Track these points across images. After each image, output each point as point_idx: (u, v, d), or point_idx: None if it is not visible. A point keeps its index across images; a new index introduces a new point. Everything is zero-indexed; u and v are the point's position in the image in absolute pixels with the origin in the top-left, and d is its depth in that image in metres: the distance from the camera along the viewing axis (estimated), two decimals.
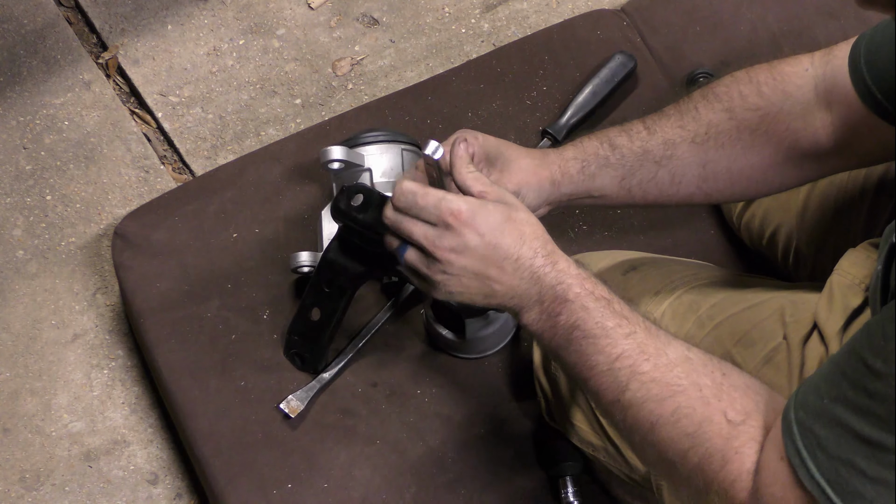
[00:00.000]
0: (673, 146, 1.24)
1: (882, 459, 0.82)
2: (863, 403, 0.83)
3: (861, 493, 0.84)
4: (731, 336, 1.22)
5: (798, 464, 0.87)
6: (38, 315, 1.73)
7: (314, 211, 1.56)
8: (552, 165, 1.27)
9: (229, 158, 1.80)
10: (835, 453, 0.85)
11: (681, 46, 1.72)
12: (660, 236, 1.57)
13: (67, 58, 1.93)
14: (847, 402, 0.84)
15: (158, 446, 1.66)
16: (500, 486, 1.41)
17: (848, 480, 0.84)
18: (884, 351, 0.81)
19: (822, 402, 0.87)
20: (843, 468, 0.84)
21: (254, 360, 1.48)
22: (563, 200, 1.28)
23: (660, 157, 1.25)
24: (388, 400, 1.46)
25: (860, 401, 0.83)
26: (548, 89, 1.68)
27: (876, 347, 0.82)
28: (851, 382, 0.84)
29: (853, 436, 0.84)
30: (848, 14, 1.71)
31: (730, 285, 1.31)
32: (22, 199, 1.81)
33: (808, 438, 0.87)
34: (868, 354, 0.83)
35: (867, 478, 0.83)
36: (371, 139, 1.50)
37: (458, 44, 1.95)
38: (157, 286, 1.55)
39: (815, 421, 0.87)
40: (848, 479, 0.84)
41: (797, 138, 1.21)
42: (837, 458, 0.85)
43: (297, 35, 1.96)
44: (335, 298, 1.40)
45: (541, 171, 1.26)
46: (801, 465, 0.87)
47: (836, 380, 0.86)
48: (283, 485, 1.40)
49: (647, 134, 1.26)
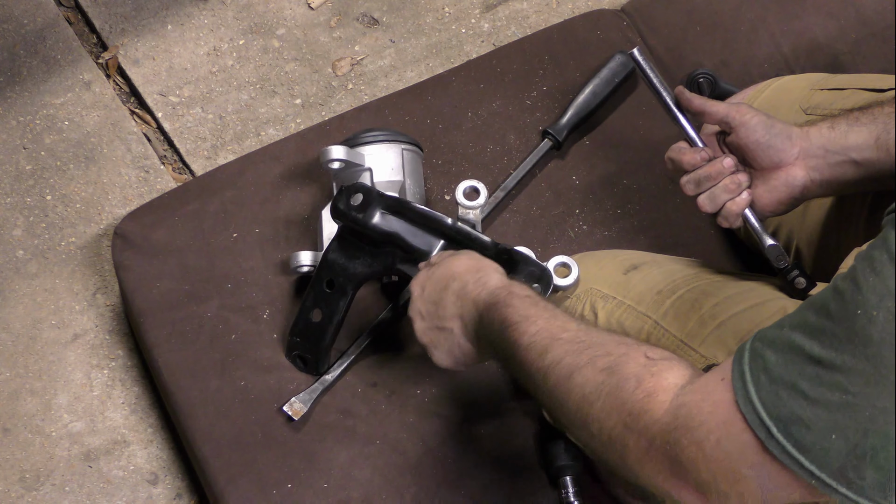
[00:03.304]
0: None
1: (827, 379, 0.82)
2: (821, 325, 0.83)
3: (799, 415, 0.83)
4: (733, 335, 1.22)
5: (739, 386, 0.87)
6: (38, 315, 1.73)
7: (314, 211, 1.56)
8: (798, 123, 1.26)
9: (229, 158, 1.80)
10: (779, 376, 0.85)
11: (681, 46, 1.72)
12: (660, 236, 1.57)
13: (67, 58, 1.93)
14: (806, 327, 0.85)
15: (158, 446, 1.66)
16: (500, 485, 1.41)
17: (787, 402, 0.84)
18: (853, 271, 0.82)
19: (781, 330, 0.87)
20: (785, 391, 0.84)
21: (254, 361, 1.48)
22: (818, 154, 1.23)
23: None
24: (388, 400, 1.46)
25: (819, 322, 0.84)
26: (548, 89, 1.68)
27: (847, 272, 0.83)
28: (817, 308, 0.85)
29: (803, 357, 0.84)
30: (848, 14, 1.71)
31: (732, 285, 1.31)
32: (22, 199, 1.81)
33: (756, 362, 0.87)
34: (839, 280, 0.84)
35: (808, 399, 0.83)
36: (371, 139, 1.50)
37: (458, 44, 1.95)
38: (157, 286, 1.55)
39: (767, 347, 0.87)
40: (787, 402, 0.84)
41: None
42: (781, 380, 0.85)
43: (297, 35, 1.96)
44: (336, 299, 1.40)
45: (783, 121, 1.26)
46: (741, 387, 0.87)
47: (801, 310, 0.87)
48: (283, 485, 1.40)
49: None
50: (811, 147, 1.23)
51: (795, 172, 1.24)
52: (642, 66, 1.32)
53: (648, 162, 1.60)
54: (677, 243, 1.55)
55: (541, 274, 1.30)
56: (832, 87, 1.43)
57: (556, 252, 1.51)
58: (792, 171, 1.24)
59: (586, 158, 1.63)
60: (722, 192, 1.24)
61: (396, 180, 1.49)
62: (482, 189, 1.36)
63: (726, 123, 1.25)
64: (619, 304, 1.31)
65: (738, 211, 1.25)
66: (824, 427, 0.83)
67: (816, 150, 1.23)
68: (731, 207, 1.25)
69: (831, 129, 1.23)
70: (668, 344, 1.26)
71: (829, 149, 1.23)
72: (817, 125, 1.24)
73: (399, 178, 1.49)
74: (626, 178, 1.61)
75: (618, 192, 1.61)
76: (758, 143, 1.23)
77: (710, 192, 1.25)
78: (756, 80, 1.57)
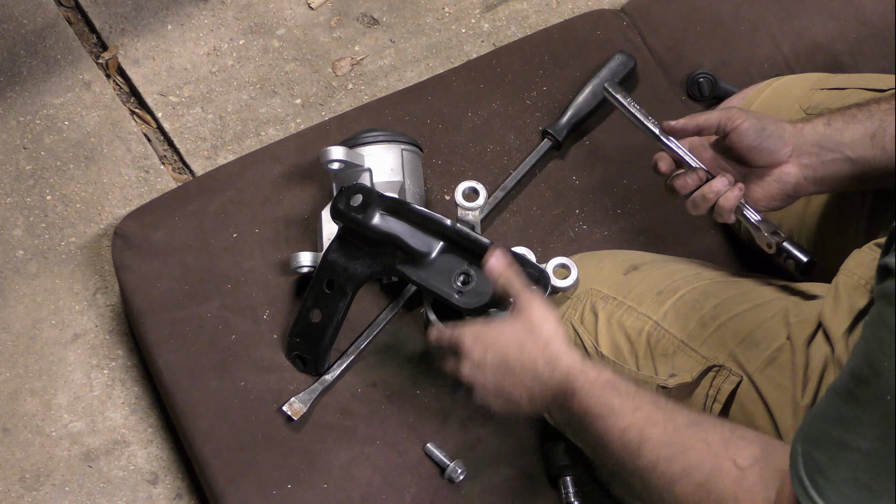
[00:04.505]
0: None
1: (882, 468, 0.83)
2: (856, 415, 0.84)
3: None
4: (734, 336, 1.22)
5: (801, 493, 0.88)
6: (38, 315, 1.73)
7: (314, 211, 1.56)
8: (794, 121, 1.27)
9: (229, 158, 1.80)
10: (836, 476, 0.85)
11: (681, 46, 1.72)
12: (660, 236, 1.57)
13: (67, 58, 1.93)
14: (841, 420, 0.85)
15: (158, 446, 1.66)
16: (501, 486, 1.41)
17: (851, 497, 0.85)
18: (867, 356, 0.83)
19: (820, 426, 0.88)
20: (847, 487, 0.85)
21: (254, 361, 1.48)
22: (812, 152, 1.24)
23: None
24: (388, 400, 1.46)
25: (853, 413, 0.84)
26: (548, 89, 1.68)
27: (861, 355, 0.84)
28: (844, 397, 0.85)
29: (853, 452, 0.84)
30: (848, 14, 1.71)
31: (732, 285, 1.31)
32: (22, 199, 1.81)
33: (810, 466, 0.88)
34: (855, 365, 0.84)
35: (871, 490, 0.84)
36: (371, 139, 1.50)
37: (458, 44, 1.95)
38: (157, 286, 1.55)
39: (814, 447, 0.88)
40: (851, 497, 0.85)
41: None
42: (840, 479, 0.85)
43: (297, 35, 1.96)
44: (336, 299, 1.40)
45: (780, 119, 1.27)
46: (804, 495, 0.88)
47: (832, 401, 0.87)
48: (283, 485, 1.40)
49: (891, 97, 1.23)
50: (805, 144, 1.24)
51: (788, 170, 1.25)
52: (621, 102, 1.35)
53: (648, 162, 1.59)
54: (677, 243, 1.55)
55: (538, 276, 1.30)
56: (832, 87, 1.44)
57: (556, 252, 1.51)
58: (785, 168, 1.25)
59: (586, 158, 1.63)
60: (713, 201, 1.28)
61: (396, 181, 1.49)
62: (481, 190, 1.36)
63: (721, 130, 1.26)
64: (620, 305, 1.31)
65: (729, 207, 1.26)
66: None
67: (810, 148, 1.24)
68: (722, 203, 1.26)
69: (827, 125, 1.24)
70: (669, 345, 1.26)
71: (823, 146, 1.23)
72: (812, 121, 1.25)
73: (398, 179, 1.49)
74: (626, 178, 1.61)
75: (618, 192, 1.61)
76: (750, 148, 1.25)
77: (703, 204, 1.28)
78: (756, 80, 1.58)
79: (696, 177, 1.27)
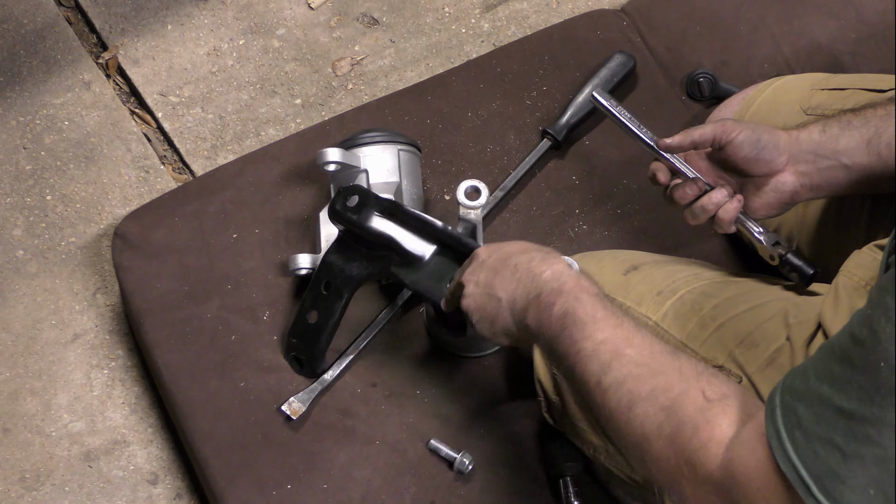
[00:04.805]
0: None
1: (859, 433, 0.82)
2: (847, 376, 0.83)
3: (835, 471, 0.84)
4: (734, 337, 1.22)
5: (776, 445, 0.87)
6: (38, 315, 1.73)
7: (314, 212, 1.56)
8: (790, 128, 1.27)
9: (229, 158, 1.80)
10: (814, 432, 0.85)
11: (681, 46, 1.72)
12: (660, 236, 1.57)
13: (67, 58, 1.93)
14: (832, 378, 0.84)
15: (158, 446, 1.66)
16: (500, 485, 1.41)
17: (824, 459, 0.84)
18: (869, 319, 0.82)
19: (807, 382, 0.87)
20: (821, 446, 0.84)
21: (253, 361, 1.48)
22: (808, 159, 1.25)
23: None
24: (388, 400, 1.46)
25: (845, 374, 0.83)
26: (548, 89, 1.68)
27: (863, 318, 0.83)
28: (839, 357, 0.85)
29: (834, 411, 0.84)
30: (848, 14, 1.71)
31: (732, 286, 1.31)
32: (22, 199, 1.81)
33: (789, 418, 0.87)
34: (856, 326, 0.84)
35: (843, 454, 0.83)
36: (367, 140, 1.50)
37: (458, 44, 1.95)
38: (157, 286, 1.55)
39: (798, 401, 0.87)
40: (824, 458, 0.84)
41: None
42: (816, 436, 0.85)
43: (297, 35, 1.96)
44: (332, 301, 1.40)
45: (776, 127, 1.28)
46: (778, 447, 0.87)
47: (824, 358, 0.87)
48: (283, 485, 1.40)
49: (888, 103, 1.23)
50: (800, 152, 1.24)
51: (785, 178, 1.25)
52: (613, 113, 1.35)
53: (648, 162, 1.59)
54: (677, 243, 1.55)
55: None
56: (832, 87, 1.43)
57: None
58: (781, 177, 1.25)
59: (586, 158, 1.63)
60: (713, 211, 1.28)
61: (392, 181, 1.49)
62: (483, 189, 1.36)
63: (716, 143, 1.26)
64: (619, 305, 1.31)
65: (728, 218, 1.27)
66: (861, 482, 0.83)
67: (806, 156, 1.24)
68: (721, 215, 1.27)
69: (822, 132, 1.24)
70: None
71: (819, 153, 1.24)
72: (808, 128, 1.25)
73: (395, 180, 1.49)
74: (625, 178, 1.61)
75: (618, 191, 1.61)
76: (746, 159, 1.25)
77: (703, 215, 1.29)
78: (756, 80, 1.57)
79: (695, 187, 1.28)
